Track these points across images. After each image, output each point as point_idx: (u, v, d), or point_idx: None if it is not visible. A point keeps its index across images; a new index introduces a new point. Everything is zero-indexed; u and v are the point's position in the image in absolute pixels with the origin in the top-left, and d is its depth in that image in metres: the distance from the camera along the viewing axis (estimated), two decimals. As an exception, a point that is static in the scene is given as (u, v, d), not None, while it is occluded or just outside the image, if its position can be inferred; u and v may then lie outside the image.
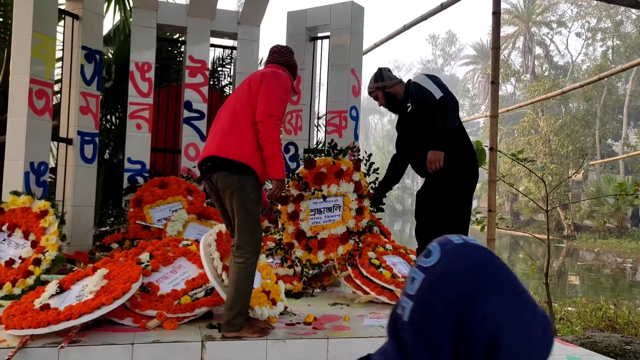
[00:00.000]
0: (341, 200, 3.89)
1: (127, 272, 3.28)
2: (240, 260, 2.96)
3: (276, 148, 2.95)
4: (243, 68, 5.94)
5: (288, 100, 3.16)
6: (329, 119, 5.66)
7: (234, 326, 2.98)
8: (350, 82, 5.46)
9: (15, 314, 2.93)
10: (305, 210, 3.68)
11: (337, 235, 3.83)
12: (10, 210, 4.13)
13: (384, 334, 3.14)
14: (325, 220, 3.80)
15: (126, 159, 5.46)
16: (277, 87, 3.04)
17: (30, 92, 4.36)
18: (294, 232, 3.64)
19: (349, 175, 3.92)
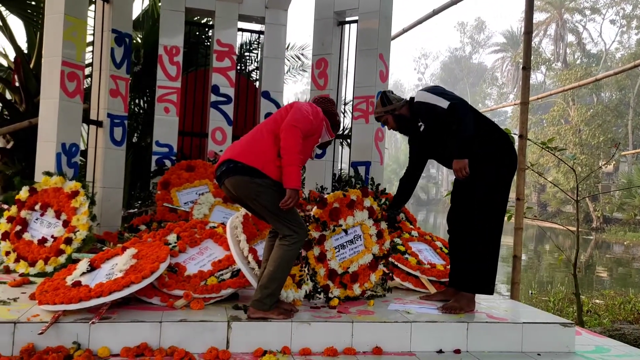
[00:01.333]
0: (359, 229, 3.93)
1: (155, 252, 3.33)
2: (285, 243, 3.04)
3: (295, 157, 2.96)
4: (270, 52, 5.94)
5: (317, 128, 3.18)
6: (356, 105, 5.63)
7: (264, 305, 3.02)
8: (377, 67, 5.41)
9: (48, 290, 3.00)
10: (330, 249, 3.72)
11: (365, 265, 3.85)
12: (42, 190, 4.22)
13: (410, 319, 3.15)
14: (350, 253, 3.84)
15: (154, 142, 5.52)
16: (308, 111, 3.12)
17: (62, 74, 4.42)
18: (326, 273, 3.65)
19: (360, 203, 3.95)
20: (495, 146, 3.59)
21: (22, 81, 6.42)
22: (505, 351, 3.22)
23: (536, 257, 16.18)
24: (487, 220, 3.52)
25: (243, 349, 2.92)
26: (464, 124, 3.44)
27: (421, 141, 3.81)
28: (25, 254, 3.96)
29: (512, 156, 3.60)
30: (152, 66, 6.69)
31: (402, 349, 3.10)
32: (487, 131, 3.61)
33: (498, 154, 3.57)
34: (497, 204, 3.55)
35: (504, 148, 3.60)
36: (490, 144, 3.57)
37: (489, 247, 3.52)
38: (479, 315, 3.44)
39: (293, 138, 2.97)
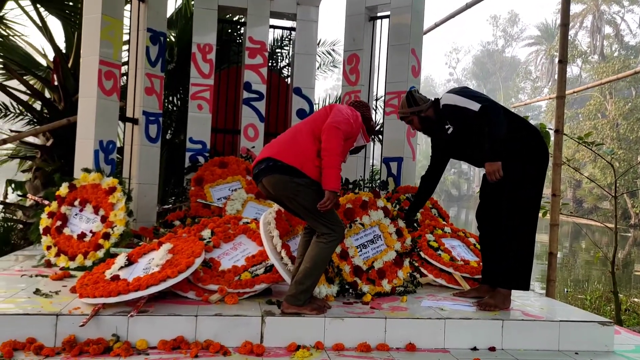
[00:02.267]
0: (377, 229, 3.97)
1: (190, 247, 3.38)
2: (322, 241, 3.06)
3: (335, 159, 2.97)
4: (302, 49, 5.95)
5: (355, 132, 3.19)
6: (388, 100, 5.61)
7: (298, 300, 3.04)
8: (410, 63, 5.37)
9: (88, 283, 3.09)
10: (351, 246, 3.75)
11: (390, 262, 3.86)
12: (81, 186, 4.33)
13: (443, 315, 3.13)
14: (373, 252, 3.86)
15: (187, 139, 5.60)
16: (348, 114, 3.14)
17: (100, 73, 4.53)
18: (351, 270, 3.66)
19: (373, 204, 4.02)
20: (521, 143, 3.51)
21: (60, 80, 6.59)
22: (541, 349, 3.17)
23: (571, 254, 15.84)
24: (516, 217, 3.46)
25: (277, 344, 2.94)
26: (496, 126, 3.38)
27: (448, 143, 3.77)
28: (65, 248, 4.08)
29: (540, 152, 3.52)
30: (185, 64, 6.79)
31: (436, 346, 3.08)
32: (514, 128, 3.54)
33: (524, 151, 3.50)
34: (525, 201, 3.47)
35: (531, 144, 3.53)
36: (516, 141, 3.50)
37: (521, 244, 3.47)
38: (514, 312, 3.40)
39: (335, 139, 2.98)
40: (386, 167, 5.55)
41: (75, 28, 6.47)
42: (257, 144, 5.69)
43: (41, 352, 2.61)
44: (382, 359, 2.86)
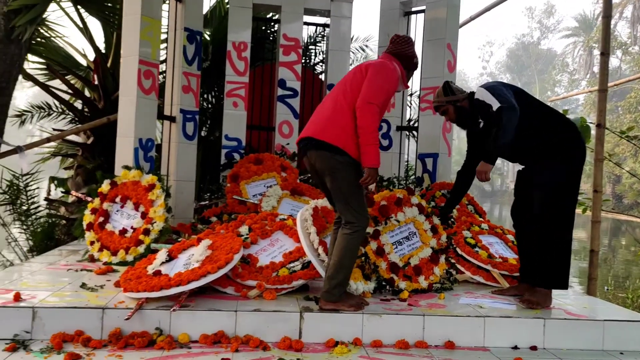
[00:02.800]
0: (412, 225, 3.98)
1: (229, 243, 3.43)
2: (347, 232, 3.05)
3: (372, 136, 2.96)
4: (335, 45, 5.95)
5: (392, 91, 3.16)
6: (423, 96, 5.56)
7: (333, 295, 3.05)
8: (445, 57, 5.32)
9: (132, 278, 3.17)
10: (387, 243, 3.76)
11: (426, 258, 3.87)
12: (122, 183, 4.44)
13: (483, 313, 3.10)
14: (408, 249, 3.87)
15: (223, 136, 5.67)
16: (381, 77, 3.06)
17: (139, 72, 4.62)
18: (387, 267, 3.67)
19: (407, 201, 4.04)
20: (558, 140, 3.45)
21: (100, 80, 6.76)
22: (585, 349, 3.11)
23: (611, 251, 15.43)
24: (551, 217, 3.40)
25: (315, 339, 2.97)
26: (504, 132, 3.33)
27: (481, 137, 3.73)
28: (107, 243, 4.18)
29: (578, 150, 3.45)
30: (219, 62, 6.87)
31: (476, 344, 3.05)
32: (551, 124, 3.48)
33: (561, 149, 3.44)
34: (560, 200, 3.41)
35: (568, 142, 3.45)
36: (552, 139, 3.45)
37: (557, 243, 3.40)
38: (556, 311, 3.34)
39: (370, 116, 2.96)
40: (421, 163, 5.51)
41: (114, 28, 6.62)
42: (292, 140, 5.72)
43: (89, 344, 2.69)
44: (421, 356, 2.85)
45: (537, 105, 3.57)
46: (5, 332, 2.74)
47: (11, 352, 2.58)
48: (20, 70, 5.04)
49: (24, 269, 3.82)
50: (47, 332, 2.76)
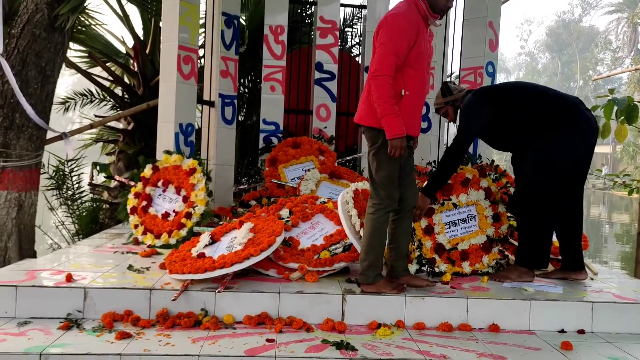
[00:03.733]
0: (474, 209, 3.80)
1: (270, 226, 3.46)
2: (370, 211, 3.04)
3: (384, 107, 2.84)
4: (372, 26, 5.87)
5: (406, 46, 2.82)
6: (463, 77, 5.46)
7: (368, 277, 3.04)
8: (487, 36, 5.20)
9: (177, 260, 3.24)
10: (439, 223, 3.67)
11: (478, 245, 3.73)
12: (164, 168, 4.51)
13: (528, 297, 3.05)
14: (462, 232, 3.74)
15: (261, 120, 5.70)
16: (390, 38, 2.83)
17: (179, 58, 4.67)
18: (433, 246, 3.62)
19: (476, 183, 3.84)
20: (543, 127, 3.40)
21: (140, 66, 6.88)
22: (635, 333, 3.03)
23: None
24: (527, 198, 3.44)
25: (358, 321, 2.98)
26: (443, 170, 3.51)
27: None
28: (151, 227, 4.27)
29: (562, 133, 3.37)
30: (255, 46, 6.89)
31: (521, 327, 3.01)
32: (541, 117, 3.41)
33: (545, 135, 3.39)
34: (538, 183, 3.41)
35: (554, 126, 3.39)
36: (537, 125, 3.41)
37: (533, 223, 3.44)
38: (605, 295, 3.26)
39: (379, 87, 2.85)
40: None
41: (152, 15, 6.70)
42: (329, 124, 5.71)
43: (138, 323, 2.76)
44: (465, 339, 2.83)
45: (529, 101, 3.47)
46: (58, 312, 2.84)
47: (65, 330, 2.68)
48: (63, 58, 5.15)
49: (71, 252, 3.94)
50: (98, 311, 2.85)
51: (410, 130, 2.97)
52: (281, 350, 2.53)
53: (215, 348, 2.52)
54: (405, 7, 2.91)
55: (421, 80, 2.97)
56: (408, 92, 2.91)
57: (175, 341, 2.58)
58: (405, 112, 2.91)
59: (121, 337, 2.57)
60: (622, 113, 4.47)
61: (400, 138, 2.85)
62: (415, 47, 2.86)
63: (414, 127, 3.03)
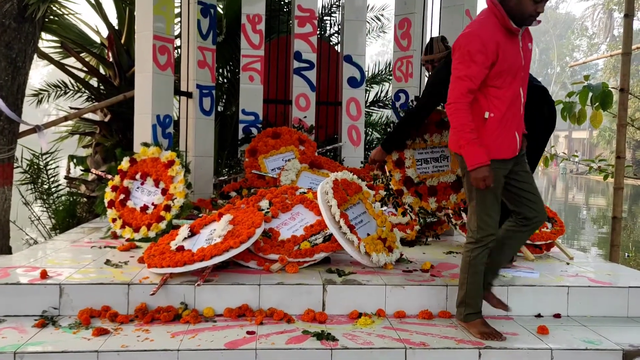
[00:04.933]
0: (447, 150, 3.92)
1: (250, 218, 3.44)
2: (465, 249, 2.78)
3: (461, 136, 2.59)
4: (351, 15, 5.84)
5: (485, 62, 2.53)
6: (441, 64, 5.45)
7: (460, 314, 2.80)
8: (464, 24, 5.19)
9: (155, 254, 3.20)
10: (410, 157, 3.80)
11: (447, 183, 3.86)
12: (141, 160, 4.45)
13: (506, 282, 3.08)
14: (433, 170, 3.88)
15: (240, 111, 5.64)
16: (461, 63, 2.58)
17: (154, 48, 4.59)
18: (401, 178, 3.78)
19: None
20: None
21: (115, 57, 6.75)
22: (609, 316, 3.09)
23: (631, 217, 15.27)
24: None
25: (339, 311, 2.99)
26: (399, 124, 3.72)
27: None
28: (129, 220, 4.22)
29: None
30: (233, 36, 6.81)
31: (499, 313, 3.04)
32: None
33: None
34: None
35: None
36: None
37: None
38: (580, 279, 3.32)
39: (453, 117, 2.61)
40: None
41: (126, 4, 6.58)
42: (309, 113, 5.68)
43: (116, 319, 2.74)
44: (445, 326, 2.86)
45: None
46: (33, 309, 2.80)
47: (40, 328, 2.64)
48: (35, 49, 5.03)
49: (48, 247, 3.89)
50: (75, 308, 2.82)
51: (505, 152, 2.66)
52: (262, 342, 2.52)
53: (195, 342, 2.50)
54: (481, 21, 2.62)
55: (509, 98, 2.62)
56: (493, 114, 2.60)
57: (154, 336, 2.56)
58: (494, 135, 2.62)
59: (98, 333, 2.54)
60: (596, 99, 4.52)
61: (482, 168, 2.56)
62: (497, 66, 2.56)
63: (509, 148, 2.67)
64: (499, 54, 2.53)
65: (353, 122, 5.86)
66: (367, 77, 8.13)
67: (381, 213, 3.85)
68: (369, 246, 3.41)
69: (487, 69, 2.55)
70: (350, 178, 3.87)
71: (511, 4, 2.53)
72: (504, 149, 2.66)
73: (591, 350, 2.61)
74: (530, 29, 2.75)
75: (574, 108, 4.84)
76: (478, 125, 2.61)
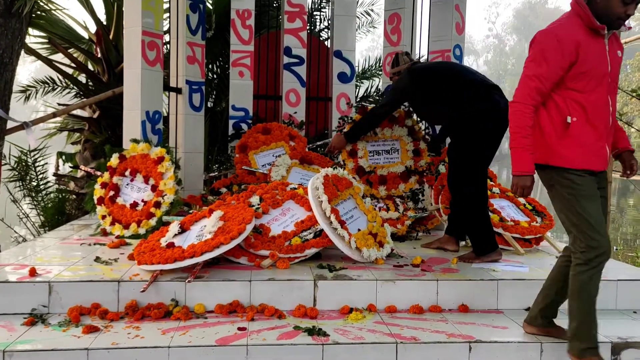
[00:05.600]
0: (398, 143, 4.46)
1: (240, 214, 3.43)
2: (573, 272, 2.48)
3: (515, 138, 2.45)
4: (341, 10, 5.82)
5: (562, 63, 2.38)
6: (431, 60, 5.46)
7: (572, 348, 2.49)
8: (454, 19, 5.21)
9: (145, 251, 3.19)
10: (362, 149, 4.33)
11: (396, 174, 4.41)
12: (131, 157, 4.42)
13: (496, 277, 3.10)
14: (384, 161, 4.45)
15: (230, 107, 5.61)
16: (532, 61, 2.45)
17: (143, 44, 4.55)
18: (354, 168, 4.36)
19: (401, 120, 4.55)
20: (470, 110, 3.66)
21: (103, 52, 6.70)
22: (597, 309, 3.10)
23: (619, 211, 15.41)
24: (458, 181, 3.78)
25: (330, 307, 2.99)
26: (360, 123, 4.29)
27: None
28: (119, 217, 4.20)
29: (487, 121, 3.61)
30: (223, 31, 6.78)
31: (489, 307, 3.07)
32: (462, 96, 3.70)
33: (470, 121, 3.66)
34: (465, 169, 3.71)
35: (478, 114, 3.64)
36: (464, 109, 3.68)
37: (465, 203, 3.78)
38: (569, 273, 3.34)
39: (513, 117, 2.48)
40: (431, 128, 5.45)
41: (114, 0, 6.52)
42: (299, 109, 5.66)
43: (106, 316, 2.72)
44: (435, 320, 2.87)
45: (456, 80, 3.77)
46: (23, 307, 2.78)
47: (30, 326, 2.62)
48: (22, 45, 4.97)
49: (37, 245, 3.86)
50: (64, 305, 2.80)
51: (593, 162, 2.45)
52: (253, 338, 2.52)
53: (186, 338, 2.50)
54: (561, 20, 2.49)
55: (592, 104, 2.41)
56: (576, 119, 2.41)
57: (144, 333, 2.55)
58: (578, 141, 2.42)
59: (88, 331, 2.53)
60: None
61: (526, 177, 2.45)
62: (576, 67, 2.39)
63: (598, 158, 2.46)
64: (579, 54, 2.37)
65: (343, 117, 5.84)
66: (358, 72, 8.13)
67: (372, 208, 3.86)
68: (360, 241, 3.41)
69: (562, 69, 2.39)
70: (341, 174, 3.87)
71: (598, 6, 2.37)
72: (591, 159, 2.44)
73: (580, 343, 2.62)
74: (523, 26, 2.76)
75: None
76: (559, 130, 2.44)
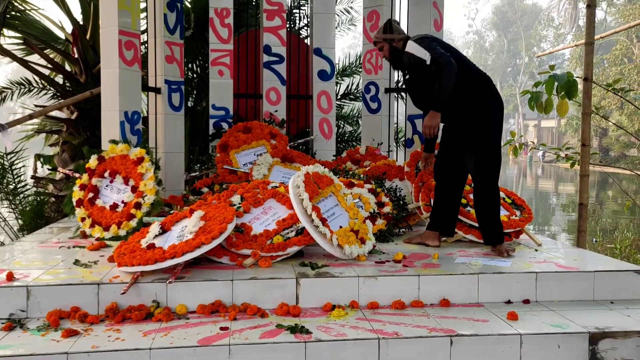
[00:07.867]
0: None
1: (221, 213, 3.42)
2: None
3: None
4: (320, 8, 5.82)
5: None
6: (410, 56, 5.48)
7: None
8: (432, 16, 5.23)
9: (125, 252, 3.16)
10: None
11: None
12: (110, 158, 4.38)
13: (476, 270, 3.14)
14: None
15: (210, 106, 5.58)
16: None
17: (120, 43, 4.50)
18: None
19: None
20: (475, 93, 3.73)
21: (80, 53, 6.61)
22: (576, 300, 3.17)
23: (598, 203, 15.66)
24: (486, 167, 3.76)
25: (312, 304, 2.99)
26: (441, 77, 3.55)
27: (411, 88, 4.02)
28: (99, 219, 4.15)
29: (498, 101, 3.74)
30: (202, 30, 6.73)
31: (470, 301, 3.10)
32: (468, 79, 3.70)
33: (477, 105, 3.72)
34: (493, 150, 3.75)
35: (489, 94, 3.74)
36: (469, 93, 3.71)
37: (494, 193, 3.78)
38: (547, 265, 3.39)
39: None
40: (411, 124, 5.48)
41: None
42: (280, 107, 5.66)
43: (86, 319, 2.69)
44: (417, 315, 2.89)
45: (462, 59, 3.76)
46: (0, 312, 2.74)
47: (8, 332, 2.58)
48: (-4, 46, 4.89)
49: (15, 248, 3.80)
50: (43, 310, 2.76)
51: None
52: (235, 337, 2.52)
53: (167, 340, 2.48)
54: None
55: None
56: None
57: (125, 335, 2.53)
58: None
59: (68, 335, 2.50)
60: (562, 88, 4.62)
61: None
62: None
63: None
64: None
65: (324, 115, 5.85)
66: (338, 70, 8.14)
67: (353, 205, 3.87)
68: (342, 238, 3.43)
69: None
70: (322, 171, 3.88)
71: None
72: None
73: (559, 334, 2.67)
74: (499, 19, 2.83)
75: (541, 97, 4.93)
76: None
